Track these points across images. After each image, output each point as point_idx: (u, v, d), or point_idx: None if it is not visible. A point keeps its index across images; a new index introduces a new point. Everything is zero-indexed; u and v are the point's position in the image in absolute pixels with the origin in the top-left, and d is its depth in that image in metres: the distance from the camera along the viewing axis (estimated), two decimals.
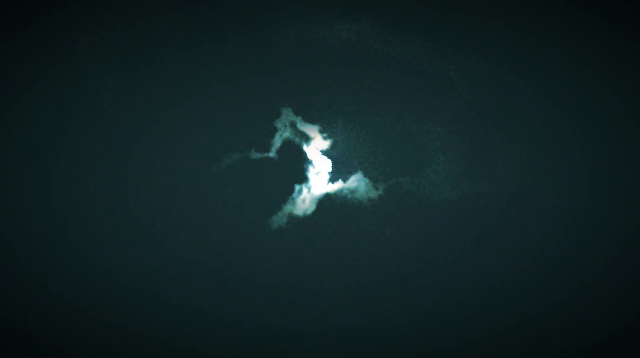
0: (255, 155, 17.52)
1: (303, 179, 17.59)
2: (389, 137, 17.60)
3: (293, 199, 17.42)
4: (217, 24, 17.19)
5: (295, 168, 17.64)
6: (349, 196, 17.49)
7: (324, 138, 17.83)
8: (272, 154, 17.59)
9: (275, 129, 17.71)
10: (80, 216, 16.90)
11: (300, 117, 17.76)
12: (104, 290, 16.61)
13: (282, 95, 17.57)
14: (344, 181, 17.75)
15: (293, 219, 17.31)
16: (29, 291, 16.49)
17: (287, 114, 17.71)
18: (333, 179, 17.76)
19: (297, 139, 17.74)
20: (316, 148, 17.87)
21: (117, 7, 17.03)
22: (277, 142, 17.69)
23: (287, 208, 17.34)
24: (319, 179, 17.71)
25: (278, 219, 17.27)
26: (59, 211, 16.85)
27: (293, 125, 17.76)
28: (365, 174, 17.70)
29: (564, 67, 17.28)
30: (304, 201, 17.47)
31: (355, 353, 16.64)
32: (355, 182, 17.67)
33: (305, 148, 17.77)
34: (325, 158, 17.87)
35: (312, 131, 17.85)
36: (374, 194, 17.50)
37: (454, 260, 17.14)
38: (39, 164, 16.97)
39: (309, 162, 17.74)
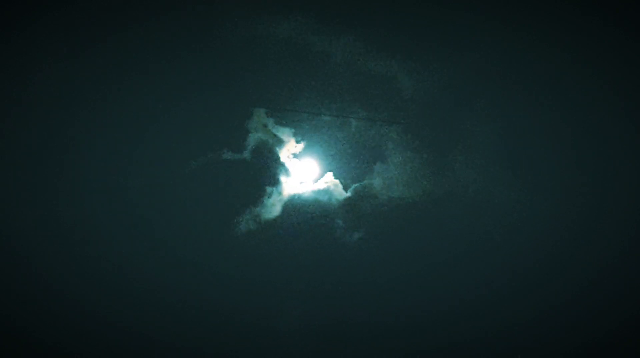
0: (226, 156, 17.44)
1: (274, 181, 17.50)
2: (357, 138, 17.49)
3: (263, 201, 17.34)
4: (178, 27, 17.11)
5: (266, 170, 17.57)
6: (319, 198, 17.39)
7: (297, 141, 17.77)
8: (244, 155, 17.53)
9: (247, 131, 17.66)
10: (48, 213, 16.87)
11: (272, 119, 17.71)
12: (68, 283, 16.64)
13: (249, 95, 17.48)
14: (314, 182, 17.65)
15: (262, 221, 17.23)
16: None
17: (260, 116, 17.65)
18: (303, 181, 17.68)
19: (269, 141, 17.67)
20: (287, 150, 17.80)
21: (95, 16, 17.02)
22: (249, 144, 17.64)
23: (257, 210, 17.26)
24: (290, 182, 17.62)
25: (246, 222, 17.19)
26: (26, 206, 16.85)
27: (265, 127, 17.70)
28: (336, 176, 17.62)
29: (512, 55, 16.66)
30: (273, 204, 17.37)
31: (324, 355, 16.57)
32: (325, 184, 17.58)
33: (277, 149, 17.70)
34: (296, 160, 17.80)
35: (284, 133, 17.79)
36: (343, 196, 17.40)
37: (424, 261, 17.05)
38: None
39: (281, 164, 17.66)
